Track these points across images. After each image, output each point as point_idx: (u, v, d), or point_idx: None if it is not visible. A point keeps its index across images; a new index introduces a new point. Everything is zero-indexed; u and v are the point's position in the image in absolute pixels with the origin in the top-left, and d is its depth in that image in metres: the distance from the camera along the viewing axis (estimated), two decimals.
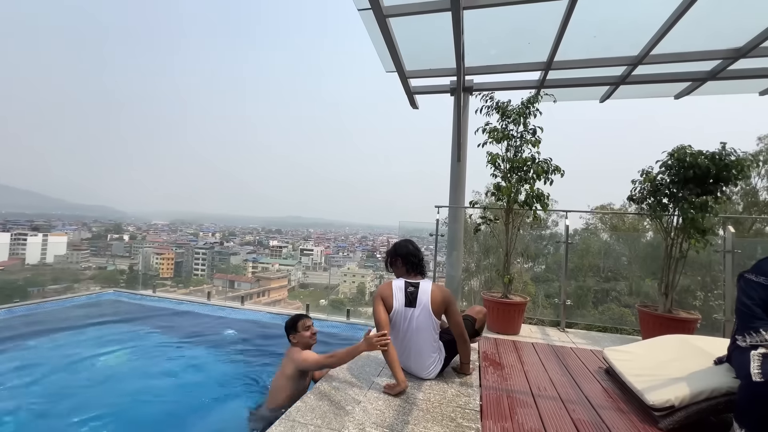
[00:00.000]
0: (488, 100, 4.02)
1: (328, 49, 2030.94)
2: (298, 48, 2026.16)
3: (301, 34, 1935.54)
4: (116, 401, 2.63)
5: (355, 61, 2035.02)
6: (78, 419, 2.37)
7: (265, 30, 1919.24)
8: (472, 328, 2.81)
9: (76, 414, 2.43)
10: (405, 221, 5.42)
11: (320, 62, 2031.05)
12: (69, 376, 2.98)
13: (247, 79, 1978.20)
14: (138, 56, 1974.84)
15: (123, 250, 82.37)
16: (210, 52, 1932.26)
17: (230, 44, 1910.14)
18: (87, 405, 2.54)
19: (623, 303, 6.89)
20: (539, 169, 3.69)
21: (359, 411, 1.96)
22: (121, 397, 2.70)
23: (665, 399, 1.94)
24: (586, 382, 2.55)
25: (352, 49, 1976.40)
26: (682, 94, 5.19)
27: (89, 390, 2.76)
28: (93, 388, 2.79)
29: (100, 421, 2.37)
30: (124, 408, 2.55)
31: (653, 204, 3.51)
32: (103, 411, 2.47)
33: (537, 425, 1.94)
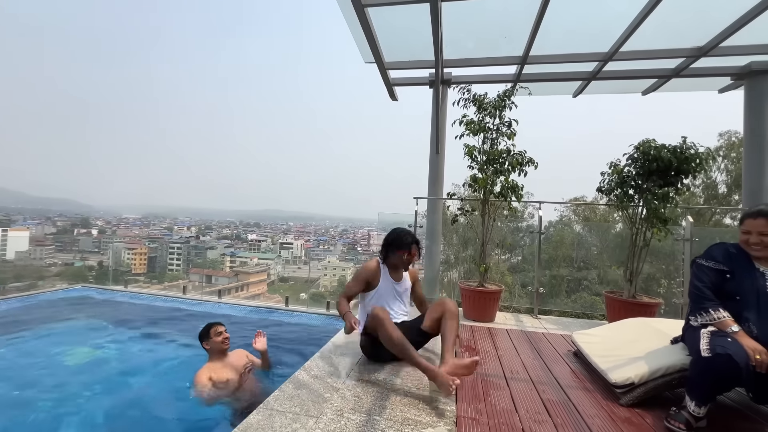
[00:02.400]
0: (465, 93, 4.08)
1: (306, 39, 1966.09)
2: (275, 38, 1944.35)
3: (278, 23, 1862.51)
4: (82, 399, 2.54)
5: (336, 52, 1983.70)
6: (41, 420, 2.29)
7: (241, 18, 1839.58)
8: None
9: (39, 414, 2.35)
10: (384, 213, 5.45)
11: (298, 52, 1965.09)
12: (31, 376, 2.86)
13: (222, 71, 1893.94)
14: (105, 48, 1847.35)
15: (91, 245, 78.84)
16: (183, 42, 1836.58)
17: (204, 33, 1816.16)
18: (49, 405, 2.45)
19: (594, 291, 7.21)
20: (514, 161, 3.79)
21: (337, 398, 1.99)
22: (88, 394, 2.61)
23: (626, 377, 2.07)
24: (556, 364, 2.68)
25: (331, 40, 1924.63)
26: (649, 90, 5.42)
27: (53, 389, 2.66)
28: (58, 387, 2.69)
29: (65, 421, 2.30)
30: (89, 406, 2.47)
31: (620, 195, 3.68)
32: (66, 410, 2.40)
33: (509, 406, 2.03)
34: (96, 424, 2.31)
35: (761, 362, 1.60)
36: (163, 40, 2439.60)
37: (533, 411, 1.97)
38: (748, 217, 1.87)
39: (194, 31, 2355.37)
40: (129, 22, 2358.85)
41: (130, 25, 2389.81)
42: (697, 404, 1.75)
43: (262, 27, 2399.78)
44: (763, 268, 1.81)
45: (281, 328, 4.25)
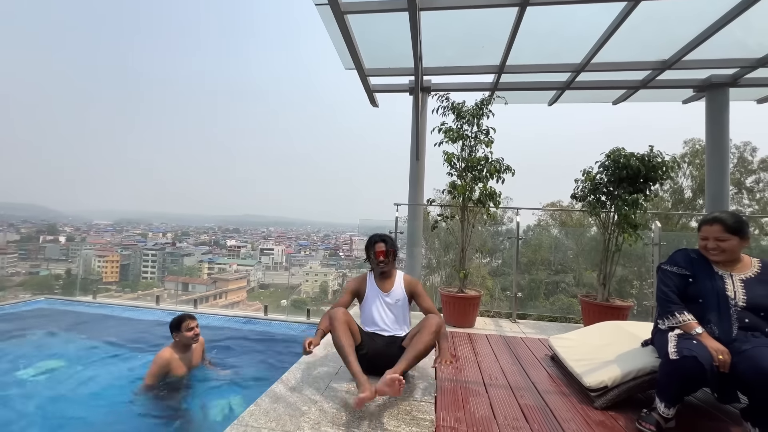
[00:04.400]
0: (444, 101, 4.13)
1: (288, 43, 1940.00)
2: (255, 42, 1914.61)
3: (259, 27, 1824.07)
4: (43, 418, 2.40)
5: (318, 56, 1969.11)
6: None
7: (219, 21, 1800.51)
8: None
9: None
10: (365, 219, 5.43)
11: (278, 56, 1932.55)
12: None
13: (202, 74, 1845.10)
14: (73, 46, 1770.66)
15: (59, 252, 75.01)
16: (156, 44, 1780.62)
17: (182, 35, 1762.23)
18: (9, 425, 2.30)
19: (571, 294, 7.40)
20: (492, 169, 3.86)
21: (315, 410, 1.95)
22: (50, 412, 2.47)
23: (600, 380, 2.12)
24: (534, 369, 2.72)
25: (313, 45, 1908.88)
26: (619, 100, 5.66)
27: (11, 408, 2.50)
28: (17, 406, 2.53)
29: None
30: (44, 421, 2.34)
31: (593, 201, 3.80)
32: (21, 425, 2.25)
33: (487, 413, 2.04)
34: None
35: (723, 362, 1.66)
36: (139, 39, 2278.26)
37: (511, 417, 1.99)
38: (704, 224, 1.96)
39: (171, 31, 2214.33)
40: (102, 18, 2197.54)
41: (103, 21, 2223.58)
42: (666, 405, 1.81)
43: (240, 31, 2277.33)
44: (722, 271, 1.90)
45: (258, 338, 4.14)
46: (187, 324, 2.79)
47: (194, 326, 2.82)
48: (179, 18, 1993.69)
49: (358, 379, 1.95)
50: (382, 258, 2.54)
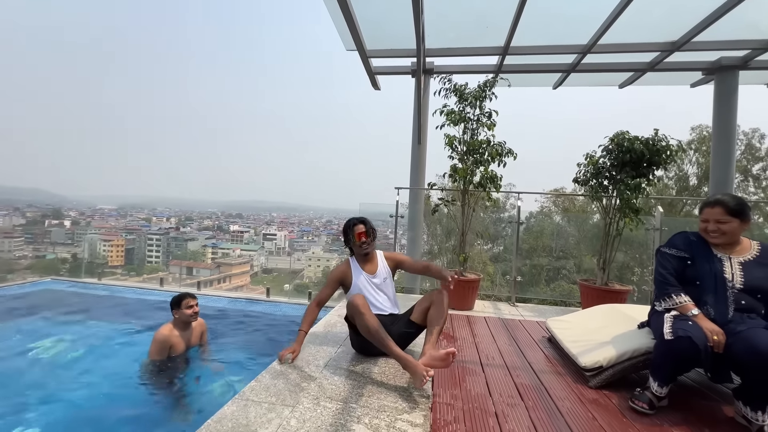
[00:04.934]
0: (446, 83, 4.07)
1: (288, 26, 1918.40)
2: (258, 25, 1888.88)
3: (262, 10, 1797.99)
4: (50, 394, 2.48)
5: (319, 38, 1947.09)
6: (9, 416, 2.21)
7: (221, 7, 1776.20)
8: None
9: (8, 407, 2.27)
10: (366, 203, 5.43)
11: (279, 39, 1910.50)
12: None
13: (202, 58, 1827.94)
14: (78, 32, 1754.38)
15: (64, 237, 75.82)
16: (158, 25, 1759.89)
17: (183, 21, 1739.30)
18: (18, 401, 2.37)
19: (572, 280, 7.44)
20: (494, 152, 3.83)
21: (314, 386, 1.99)
22: (56, 390, 2.55)
23: (595, 361, 2.15)
24: (530, 350, 2.76)
25: (314, 26, 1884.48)
26: (625, 83, 5.55)
27: (21, 385, 2.57)
28: (25, 383, 2.61)
29: (26, 416, 2.23)
30: (57, 402, 2.41)
31: (595, 185, 3.77)
32: (28, 403, 2.33)
33: (483, 390, 2.08)
34: (56, 416, 2.25)
35: (718, 342, 1.68)
36: (139, 26, 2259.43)
37: (506, 395, 2.03)
38: (706, 206, 1.94)
39: (173, 19, 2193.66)
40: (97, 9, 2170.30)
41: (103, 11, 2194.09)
42: (659, 384, 1.84)
43: (244, 14, 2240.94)
44: (721, 254, 1.90)
45: (261, 319, 4.21)
46: (187, 302, 2.85)
47: (194, 304, 2.88)
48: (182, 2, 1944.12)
49: (405, 360, 2.03)
50: (363, 239, 2.54)
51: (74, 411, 2.30)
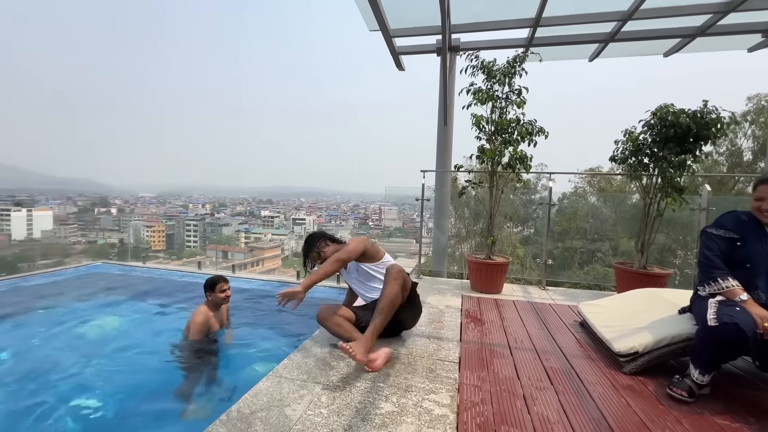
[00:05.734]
0: (473, 59, 3.91)
1: (314, 11, 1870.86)
2: (283, 13, 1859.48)
3: None
4: (105, 367, 2.71)
5: (342, 21, 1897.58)
6: (68, 383, 2.46)
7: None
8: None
9: (66, 378, 2.52)
10: (391, 187, 5.41)
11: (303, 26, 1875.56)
12: (58, 345, 3.04)
13: (231, 50, 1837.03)
14: (118, 31, 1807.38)
15: (111, 223, 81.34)
16: (195, 23, 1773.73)
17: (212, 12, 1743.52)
18: (75, 370, 2.62)
19: (607, 263, 7.15)
20: (523, 131, 3.67)
21: (343, 366, 2.06)
22: (111, 362, 2.79)
23: (630, 346, 2.08)
24: (561, 334, 2.70)
25: (338, 10, 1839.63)
26: (671, 51, 5.11)
27: (75, 356, 2.84)
28: (82, 355, 2.87)
29: (86, 383, 2.47)
30: (106, 370, 2.65)
31: (634, 164, 3.55)
32: (90, 376, 2.57)
33: (511, 373, 2.07)
34: (111, 384, 2.48)
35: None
36: (170, 19, 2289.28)
37: (535, 378, 2.01)
38: (761, 183, 1.78)
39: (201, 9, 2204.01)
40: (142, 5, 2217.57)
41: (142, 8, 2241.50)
42: (701, 372, 1.75)
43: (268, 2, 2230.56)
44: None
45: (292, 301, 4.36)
46: (220, 286, 2.94)
47: (226, 288, 2.98)
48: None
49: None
50: (318, 261, 2.51)
51: (123, 384, 2.51)
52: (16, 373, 2.59)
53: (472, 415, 1.65)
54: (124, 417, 2.16)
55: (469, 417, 1.63)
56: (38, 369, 2.66)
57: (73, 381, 2.50)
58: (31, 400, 2.28)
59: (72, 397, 2.31)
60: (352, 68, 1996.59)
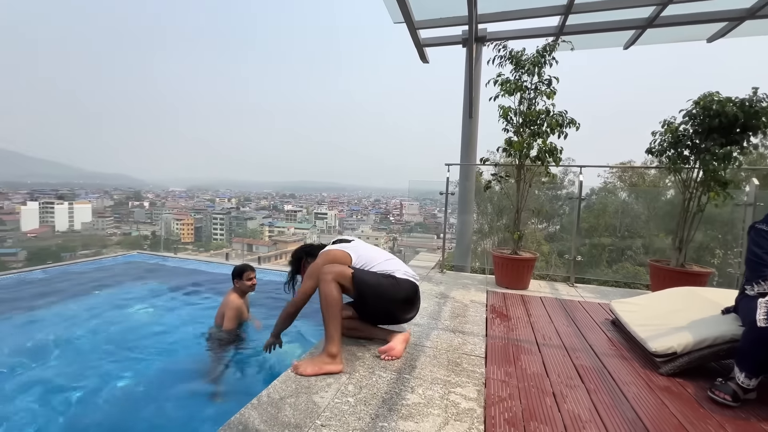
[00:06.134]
0: (501, 50, 3.80)
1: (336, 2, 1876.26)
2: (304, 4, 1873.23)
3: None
4: (142, 350, 2.86)
5: (366, 12, 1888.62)
6: (108, 365, 2.61)
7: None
8: None
9: (106, 359, 2.68)
10: (415, 181, 5.38)
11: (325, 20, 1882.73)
12: (98, 328, 3.23)
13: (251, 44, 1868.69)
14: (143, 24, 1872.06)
15: (144, 216, 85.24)
16: (216, 15, 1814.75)
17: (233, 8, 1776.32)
18: (113, 353, 2.78)
19: (638, 261, 6.86)
20: (553, 122, 3.55)
21: (369, 357, 2.08)
22: (148, 346, 2.93)
23: (668, 346, 1.98)
24: (592, 332, 2.62)
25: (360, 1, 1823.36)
26: (715, 36, 4.79)
27: (117, 340, 3.01)
28: (122, 338, 3.04)
29: (127, 365, 2.61)
30: (149, 355, 2.79)
31: (673, 156, 3.36)
32: (128, 358, 2.71)
33: (539, 370, 2.02)
34: (146, 366, 2.63)
35: None
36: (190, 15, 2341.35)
37: (565, 376, 1.95)
38: None
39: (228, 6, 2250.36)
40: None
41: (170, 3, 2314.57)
42: (747, 375, 1.65)
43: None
44: None
45: None
46: (248, 274, 3.02)
47: (253, 276, 3.06)
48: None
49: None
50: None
51: (157, 367, 2.64)
52: (63, 352, 2.78)
53: (500, 410, 1.63)
54: (157, 399, 2.27)
55: (497, 412, 1.61)
56: (83, 348, 2.84)
57: (113, 362, 2.65)
58: (76, 375, 2.45)
59: (111, 377, 2.45)
60: (375, 62, 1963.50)
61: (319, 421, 1.48)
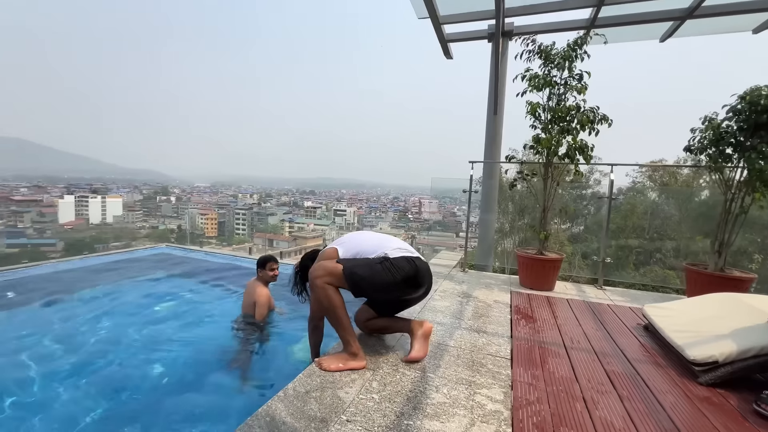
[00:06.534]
0: (530, 44, 3.69)
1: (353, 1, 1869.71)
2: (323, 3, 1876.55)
3: None
4: (171, 338, 2.97)
5: (387, 9, 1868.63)
6: (140, 351, 2.72)
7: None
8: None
9: (139, 346, 2.79)
10: (438, 178, 5.32)
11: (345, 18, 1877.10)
12: (129, 317, 3.37)
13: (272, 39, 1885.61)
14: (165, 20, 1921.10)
15: (171, 210, 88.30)
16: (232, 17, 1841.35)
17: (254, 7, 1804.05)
18: (145, 342, 2.89)
19: (668, 265, 6.56)
20: (584, 119, 3.42)
21: (392, 354, 2.07)
22: (176, 334, 3.04)
23: (708, 354, 1.88)
24: (623, 337, 2.52)
25: None
26: (762, 27, 4.49)
27: (150, 328, 3.13)
28: (153, 327, 3.17)
29: (157, 352, 2.71)
30: (178, 343, 2.88)
31: (714, 155, 3.18)
32: (158, 346, 2.82)
33: (568, 374, 1.96)
34: (176, 354, 2.71)
35: None
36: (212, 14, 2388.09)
37: (596, 381, 1.89)
38: None
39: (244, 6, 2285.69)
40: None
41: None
42: None
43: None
44: None
45: None
46: (270, 264, 3.15)
47: (275, 267, 3.18)
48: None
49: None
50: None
51: (185, 355, 2.72)
52: (97, 339, 2.91)
53: (528, 413, 1.58)
54: (185, 384, 2.34)
55: (524, 415, 1.57)
56: (114, 336, 2.96)
57: (145, 349, 2.76)
58: (108, 360, 2.56)
59: (141, 363, 2.55)
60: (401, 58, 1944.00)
61: (344, 416, 1.48)
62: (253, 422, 1.43)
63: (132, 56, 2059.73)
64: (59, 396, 2.18)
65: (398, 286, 1.93)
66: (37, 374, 2.37)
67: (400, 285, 1.92)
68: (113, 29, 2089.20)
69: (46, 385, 2.26)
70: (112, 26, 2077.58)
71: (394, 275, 1.89)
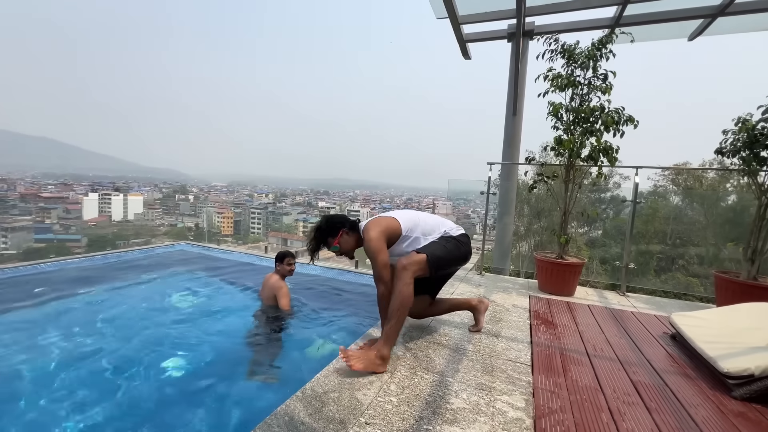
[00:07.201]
0: (552, 43, 3.61)
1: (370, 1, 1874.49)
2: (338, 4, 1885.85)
3: None
4: (190, 332, 3.01)
5: (402, 10, 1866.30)
6: (161, 345, 2.76)
7: None
8: None
9: (160, 339, 2.84)
10: (455, 179, 5.27)
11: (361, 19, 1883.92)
12: (148, 313, 3.43)
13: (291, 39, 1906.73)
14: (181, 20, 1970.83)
15: (189, 209, 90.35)
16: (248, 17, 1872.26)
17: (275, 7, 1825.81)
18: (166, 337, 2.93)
19: (691, 272, 6.33)
20: (609, 120, 3.32)
21: (410, 357, 2.04)
22: (195, 329, 3.08)
23: (743, 367, 1.78)
24: (648, 346, 2.42)
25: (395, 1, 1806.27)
26: None
27: (170, 322, 3.19)
28: (174, 321, 3.22)
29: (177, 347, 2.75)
30: (198, 337, 2.92)
31: (748, 157, 3.04)
32: (179, 341, 2.86)
33: (592, 383, 1.90)
34: (194, 348, 2.74)
35: None
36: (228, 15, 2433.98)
37: (621, 392, 1.81)
38: None
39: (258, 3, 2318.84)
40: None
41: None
42: None
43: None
44: None
45: (352, 289, 4.46)
46: (288, 260, 3.28)
47: (293, 263, 3.31)
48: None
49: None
50: (338, 254, 2.23)
51: (204, 350, 2.75)
52: (120, 332, 2.97)
53: (551, 422, 1.53)
54: (203, 378, 2.36)
55: (548, 424, 1.52)
56: (135, 330, 3.02)
57: (165, 343, 2.80)
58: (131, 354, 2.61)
59: (162, 357, 2.59)
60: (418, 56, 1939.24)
61: (363, 419, 1.46)
62: (272, 421, 1.43)
63: (163, 56, 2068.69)
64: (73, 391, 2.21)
65: (460, 261, 2.20)
66: (57, 364, 2.43)
67: (462, 260, 2.19)
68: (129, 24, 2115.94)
69: (66, 379, 2.31)
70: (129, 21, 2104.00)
71: (461, 251, 2.15)
